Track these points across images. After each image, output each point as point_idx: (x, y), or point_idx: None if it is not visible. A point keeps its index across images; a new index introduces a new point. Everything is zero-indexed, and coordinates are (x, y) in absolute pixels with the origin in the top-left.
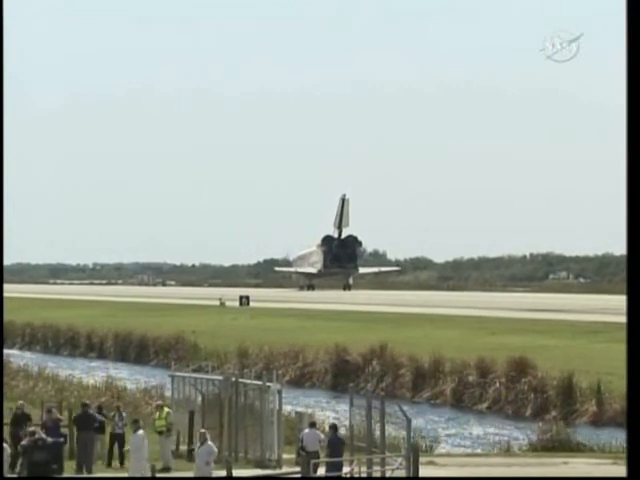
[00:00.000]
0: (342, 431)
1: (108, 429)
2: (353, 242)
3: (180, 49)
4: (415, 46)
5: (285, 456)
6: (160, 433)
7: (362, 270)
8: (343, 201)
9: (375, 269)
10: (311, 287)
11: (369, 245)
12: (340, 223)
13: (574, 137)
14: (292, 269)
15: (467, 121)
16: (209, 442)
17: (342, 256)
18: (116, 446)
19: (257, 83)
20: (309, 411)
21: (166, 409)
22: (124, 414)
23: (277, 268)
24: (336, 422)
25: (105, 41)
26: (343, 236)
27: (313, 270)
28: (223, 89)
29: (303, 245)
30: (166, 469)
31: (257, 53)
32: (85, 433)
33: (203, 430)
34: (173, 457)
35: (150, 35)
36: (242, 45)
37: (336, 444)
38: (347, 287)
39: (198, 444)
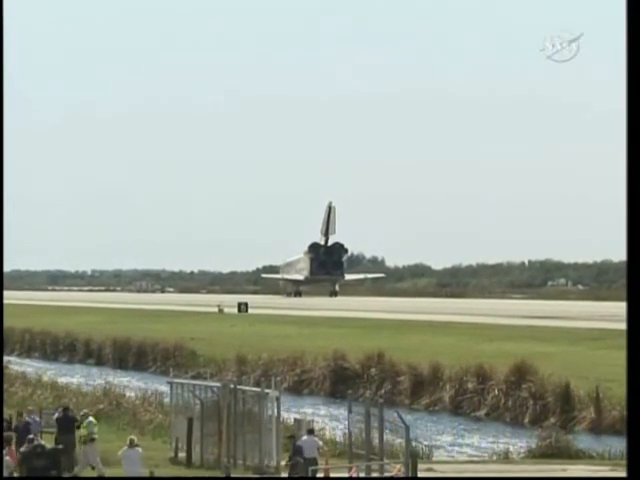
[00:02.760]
0: (340, 438)
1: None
2: (339, 249)
3: (172, 55)
4: (411, 48)
5: (283, 463)
6: (84, 443)
7: (348, 277)
8: (329, 209)
9: (361, 276)
10: (298, 294)
11: (368, 252)
12: (327, 230)
13: (572, 142)
14: (279, 276)
15: (465, 126)
16: (138, 448)
17: (328, 263)
18: None
19: (252, 91)
20: (307, 418)
21: (90, 418)
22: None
23: (264, 275)
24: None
25: (97, 50)
26: (329, 243)
27: (300, 277)
28: (217, 97)
29: (300, 252)
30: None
31: (245, 59)
32: (66, 435)
33: (132, 437)
34: (171, 463)
35: (141, 39)
36: (229, 53)
37: (300, 453)
38: (333, 294)
39: (125, 447)
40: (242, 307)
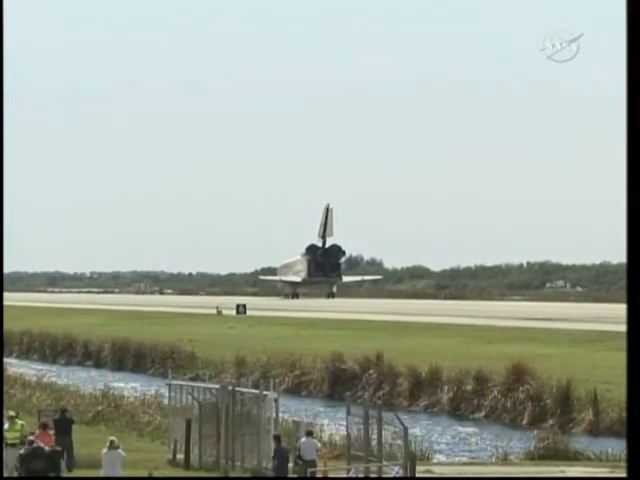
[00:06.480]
0: (339, 440)
1: None
2: (337, 251)
3: (172, 55)
4: (411, 47)
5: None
6: (13, 445)
7: (345, 279)
8: (327, 211)
9: (358, 277)
10: (295, 295)
11: (366, 253)
12: (324, 233)
13: (571, 146)
14: (277, 277)
15: (464, 127)
16: (119, 450)
17: (326, 265)
18: None
19: (251, 93)
20: (306, 420)
21: (20, 421)
22: None
23: (262, 276)
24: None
25: (98, 35)
26: (327, 245)
27: (297, 279)
28: (218, 96)
29: (298, 254)
30: None
31: (245, 56)
32: (64, 437)
33: (112, 438)
34: (170, 465)
35: (144, 29)
36: (226, 54)
37: (282, 454)
38: (331, 295)
39: (105, 449)
40: (240, 309)
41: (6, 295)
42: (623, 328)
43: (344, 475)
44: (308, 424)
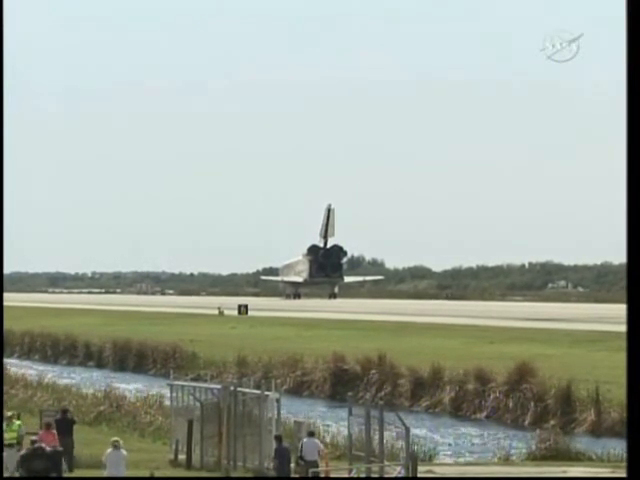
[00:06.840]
0: (341, 440)
1: None
2: (338, 251)
3: (173, 55)
4: (411, 47)
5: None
6: (10, 446)
7: (347, 279)
8: (328, 211)
9: (360, 278)
10: (297, 296)
11: (368, 254)
12: (326, 233)
13: (572, 146)
14: (278, 278)
15: (464, 128)
16: (122, 450)
17: (327, 265)
18: None
19: (250, 94)
20: (308, 420)
21: (17, 421)
22: None
23: (264, 277)
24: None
25: (98, 35)
26: (329, 246)
27: (299, 279)
28: (218, 96)
29: (300, 254)
30: None
31: (245, 56)
32: (65, 437)
33: (116, 438)
34: (171, 466)
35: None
36: (223, 55)
37: (283, 454)
38: (332, 296)
39: (109, 450)
40: (242, 309)
41: (7, 295)
42: (624, 328)
43: (346, 475)
44: (309, 424)
